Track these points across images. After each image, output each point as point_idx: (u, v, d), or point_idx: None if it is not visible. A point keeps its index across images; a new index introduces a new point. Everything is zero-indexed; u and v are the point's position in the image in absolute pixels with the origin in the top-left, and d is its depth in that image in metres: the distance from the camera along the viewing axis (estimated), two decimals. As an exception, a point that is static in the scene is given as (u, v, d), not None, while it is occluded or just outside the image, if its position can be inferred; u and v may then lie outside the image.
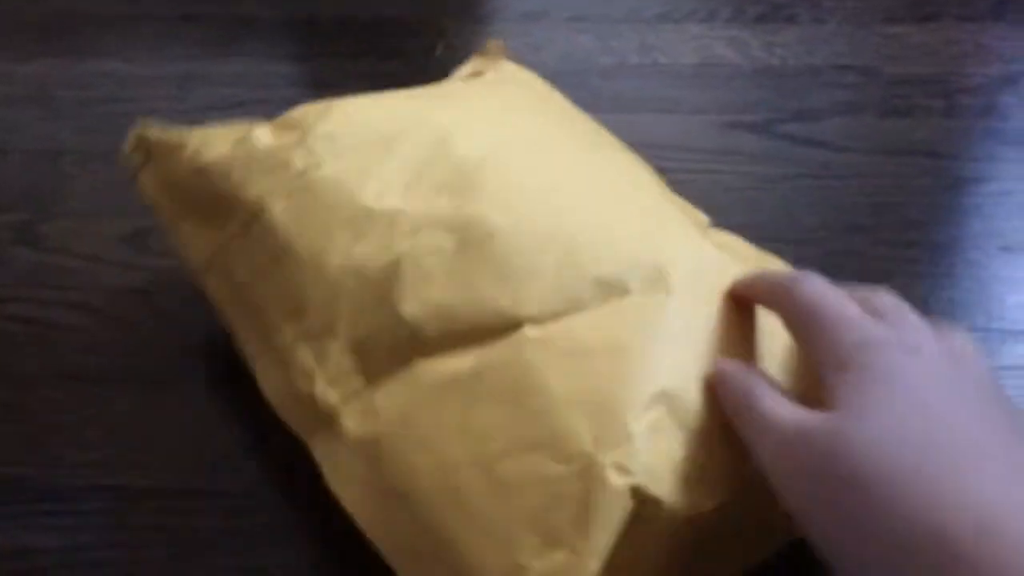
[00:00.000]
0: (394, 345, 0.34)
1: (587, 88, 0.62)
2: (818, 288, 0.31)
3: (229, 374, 0.45)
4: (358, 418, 0.34)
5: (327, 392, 0.35)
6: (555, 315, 0.33)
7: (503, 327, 0.33)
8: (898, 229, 0.52)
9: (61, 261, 0.52)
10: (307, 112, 0.40)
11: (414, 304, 0.34)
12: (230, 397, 0.45)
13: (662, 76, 0.63)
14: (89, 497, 0.42)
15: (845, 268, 0.50)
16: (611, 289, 0.34)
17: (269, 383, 0.38)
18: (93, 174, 0.58)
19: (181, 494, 0.42)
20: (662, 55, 0.65)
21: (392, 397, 0.34)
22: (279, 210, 0.38)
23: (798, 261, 0.50)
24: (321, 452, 0.36)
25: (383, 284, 0.35)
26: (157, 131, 0.43)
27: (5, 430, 0.44)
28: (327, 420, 0.35)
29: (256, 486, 0.42)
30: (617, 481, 0.29)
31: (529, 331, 0.33)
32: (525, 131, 0.40)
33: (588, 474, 0.29)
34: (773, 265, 0.41)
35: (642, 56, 0.65)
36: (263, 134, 0.40)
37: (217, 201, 0.40)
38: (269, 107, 0.62)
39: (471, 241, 0.35)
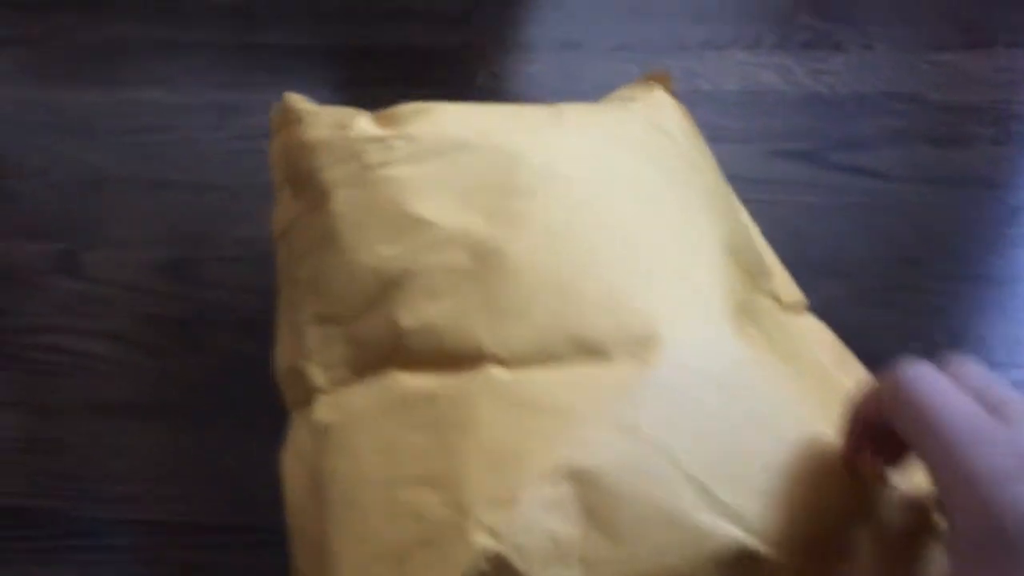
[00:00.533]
0: (382, 349, 0.35)
1: (628, 116, 0.61)
2: (926, 385, 0.27)
3: (266, 408, 0.44)
4: (328, 405, 0.35)
5: (317, 374, 0.36)
6: (525, 362, 0.32)
7: (474, 360, 0.33)
8: (951, 262, 0.51)
9: (100, 291, 0.52)
10: (407, 110, 0.41)
11: (410, 316, 0.34)
12: (266, 432, 0.44)
13: (706, 104, 0.62)
14: (116, 532, 0.41)
15: (896, 303, 0.48)
16: (589, 351, 0.32)
17: (280, 353, 0.39)
18: (134, 203, 0.58)
19: (213, 529, 0.41)
20: (706, 82, 0.64)
21: (359, 396, 0.34)
22: (340, 197, 0.39)
23: (849, 295, 0.48)
24: (293, 426, 0.37)
25: (393, 289, 0.35)
26: (296, 100, 0.44)
27: (37, 462, 0.44)
28: (308, 400, 0.36)
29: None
30: (480, 541, 0.28)
31: (493, 371, 0.32)
32: (605, 171, 0.39)
33: (459, 527, 0.28)
34: (852, 365, 0.38)
35: (685, 83, 0.64)
36: (362, 123, 0.41)
37: (305, 176, 0.41)
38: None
39: (484, 268, 0.35)
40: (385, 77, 0.67)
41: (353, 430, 0.33)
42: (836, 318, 0.40)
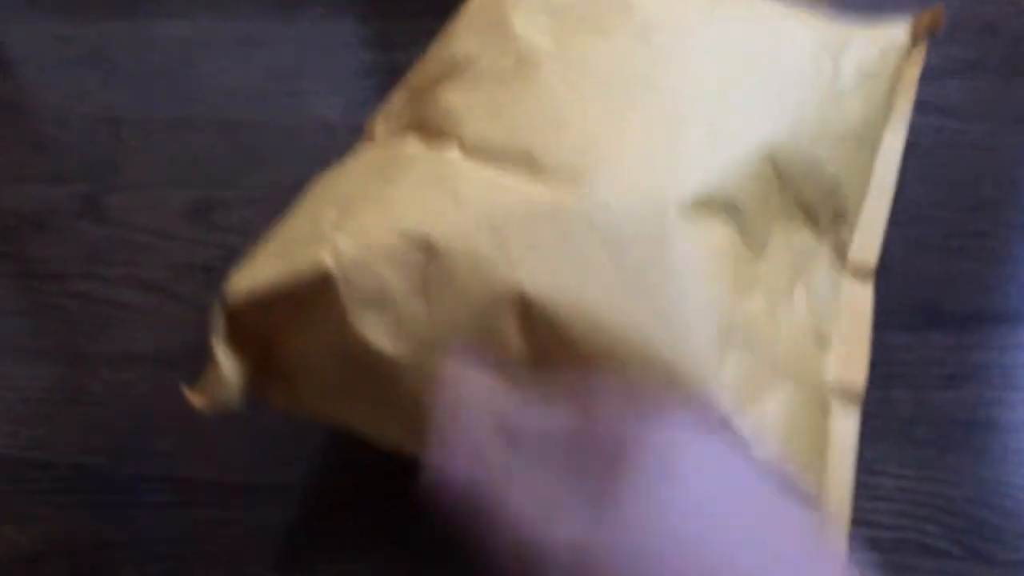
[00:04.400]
0: (414, 118, 0.40)
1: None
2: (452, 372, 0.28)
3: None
4: (365, 148, 0.40)
5: (380, 125, 0.42)
6: (480, 158, 0.35)
7: (450, 142, 0.36)
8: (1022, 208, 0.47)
9: (126, 236, 0.51)
10: None
11: (448, 98, 0.39)
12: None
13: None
14: (155, 488, 0.40)
15: (965, 250, 0.45)
16: (531, 167, 0.34)
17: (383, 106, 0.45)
18: (153, 144, 0.56)
19: (246, 489, 0.40)
20: None
21: (380, 149, 0.39)
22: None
23: (910, 243, 0.45)
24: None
25: (455, 75, 0.40)
26: None
27: (70, 413, 0.43)
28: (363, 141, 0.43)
29: (324, 481, 0.40)
30: (323, 256, 0.32)
31: (452, 153, 0.35)
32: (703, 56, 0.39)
33: (322, 239, 0.34)
34: (856, 355, 0.38)
35: None
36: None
37: None
38: (334, 72, 0.59)
39: (516, 76, 0.38)
40: (407, 8, 0.63)
41: (352, 163, 0.38)
42: (895, 268, 0.37)
